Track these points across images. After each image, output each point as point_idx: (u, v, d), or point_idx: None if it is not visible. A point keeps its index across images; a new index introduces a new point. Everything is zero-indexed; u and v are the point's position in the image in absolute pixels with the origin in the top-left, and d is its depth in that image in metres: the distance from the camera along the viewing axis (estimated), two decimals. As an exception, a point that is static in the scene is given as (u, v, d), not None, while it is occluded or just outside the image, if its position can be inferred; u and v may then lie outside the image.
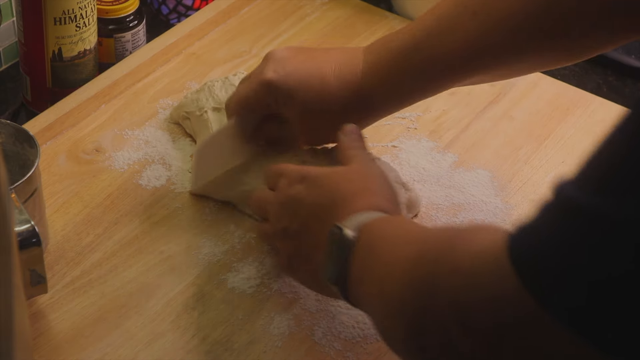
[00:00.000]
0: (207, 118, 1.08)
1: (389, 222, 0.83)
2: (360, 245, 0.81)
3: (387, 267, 0.76)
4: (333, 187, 0.88)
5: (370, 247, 0.80)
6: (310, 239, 0.88)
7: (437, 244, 0.72)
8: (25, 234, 0.85)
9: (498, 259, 0.62)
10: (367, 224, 0.82)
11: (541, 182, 1.09)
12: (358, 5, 1.33)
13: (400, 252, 0.75)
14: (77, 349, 0.91)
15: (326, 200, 0.87)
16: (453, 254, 0.68)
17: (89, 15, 1.13)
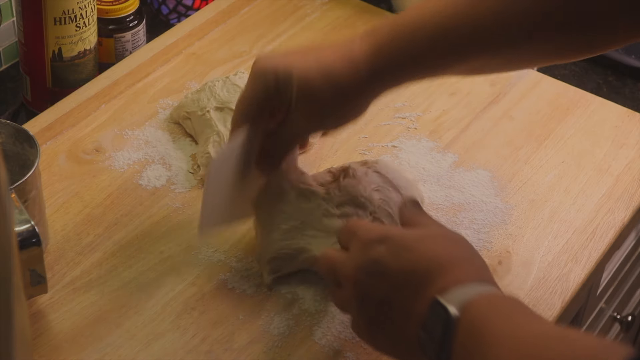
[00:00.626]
0: (209, 117, 1.08)
1: (495, 302, 0.76)
2: (466, 326, 0.74)
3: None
4: (425, 252, 0.80)
5: (479, 331, 0.73)
6: (398, 309, 0.79)
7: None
8: (25, 234, 0.85)
9: None
10: (472, 301, 0.75)
11: (541, 182, 1.09)
12: (358, 5, 1.33)
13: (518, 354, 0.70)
14: (77, 349, 0.91)
15: (418, 267, 0.79)
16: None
17: (89, 15, 1.13)
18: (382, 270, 0.80)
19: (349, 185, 0.97)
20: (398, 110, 1.17)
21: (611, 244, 1.04)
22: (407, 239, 0.82)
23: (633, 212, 1.07)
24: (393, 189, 0.98)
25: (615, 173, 1.11)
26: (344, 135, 1.14)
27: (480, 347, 0.72)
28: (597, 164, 1.12)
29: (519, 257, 1.01)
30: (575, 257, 1.02)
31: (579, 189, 1.09)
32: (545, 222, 1.05)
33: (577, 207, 1.07)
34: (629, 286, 1.48)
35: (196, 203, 1.05)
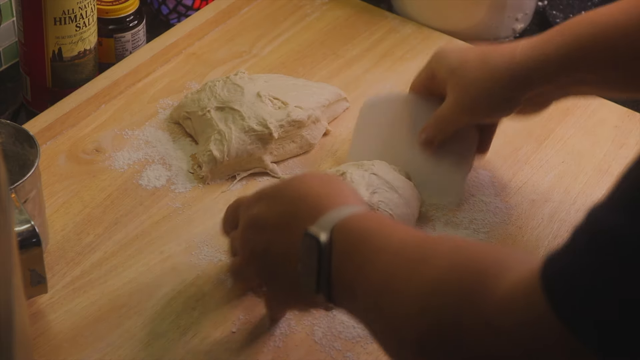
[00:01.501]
0: (210, 117, 1.08)
1: (367, 218, 0.80)
2: (339, 247, 0.78)
3: (385, 278, 0.74)
4: (294, 193, 0.85)
5: (353, 248, 0.78)
6: (280, 254, 0.84)
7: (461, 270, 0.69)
8: (25, 234, 0.85)
9: (529, 287, 0.62)
10: (341, 222, 0.79)
11: (541, 182, 1.09)
12: (358, 5, 1.33)
13: (400, 263, 0.74)
14: (77, 349, 0.91)
15: (290, 208, 0.84)
16: (484, 286, 0.66)
17: (89, 15, 1.13)
18: (262, 223, 0.85)
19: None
20: (398, 110, 1.17)
21: (611, 244, 1.04)
22: (278, 187, 0.87)
23: (633, 212, 1.07)
24: (391, 189, 0.99)
25: (615, 173, 1.11)
26: (344, 135, 1.14)
27: (359, 263, 0.76)
28: (597, 164, 1.12)
29: (519, 257, 1.01)
30: (575, 257, 1.02)
31: (579, 189, 1.09)
32: (545, 222, 1.05)
33: (577, 207, 1.07)
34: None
35: (196, 203, 1.05)
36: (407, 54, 1.26)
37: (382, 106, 1.09)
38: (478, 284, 0.67)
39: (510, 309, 0.64)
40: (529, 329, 0.62)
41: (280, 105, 1.09)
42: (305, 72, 1.22)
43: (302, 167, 1.09)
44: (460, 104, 1.00)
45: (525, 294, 0.63)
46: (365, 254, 0.77)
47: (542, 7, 1.37)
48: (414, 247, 0.75)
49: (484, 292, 0.66)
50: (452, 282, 0.69)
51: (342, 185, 0.87)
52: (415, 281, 0.71)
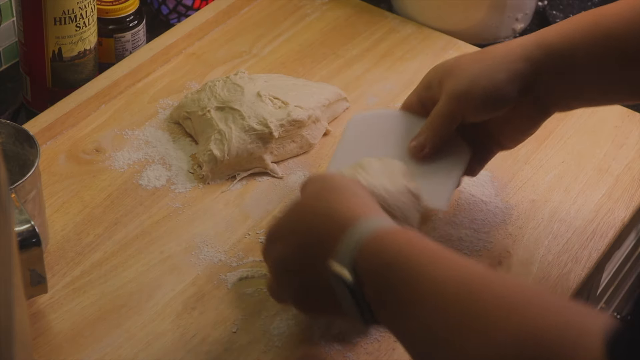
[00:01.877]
0: (210, 117, 1.08)
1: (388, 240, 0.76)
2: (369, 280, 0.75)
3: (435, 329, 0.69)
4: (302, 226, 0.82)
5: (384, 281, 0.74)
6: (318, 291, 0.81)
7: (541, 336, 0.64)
8: (25, 234, 0.85)
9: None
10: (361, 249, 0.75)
11: (541, 182, 1.09)
12: (358, 5, 1.33)
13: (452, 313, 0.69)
14: (77, 349, 0.91)
15: (306, 243, 0.81)
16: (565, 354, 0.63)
17: (89, 15, 1.13)
18: (286, 267, 0.83)
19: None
20: (398, 110, 1.17)
21: (611, 244, 1.04)
22: (284, 222, 0.84)
23: (633, 212, 1.07)
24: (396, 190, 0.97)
25: (615, 173, 1.11)
26: (344, 135, 1.14)
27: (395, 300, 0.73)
28: (597, 164, 1.12)
29: (519, 257, 1.01)
30: (575, 257, 1.02)
31: (579, 189, 1.09)
32: (545, 222, 1.05)
33: (577, 207, 1.07)
34: (629, 286, 1.48)
35: (196, 203, 1.05)
36: (407, 54, 1.26)
37: (369, 121, 1.04)
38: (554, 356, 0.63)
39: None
40: None
41: (281, 105, 1.09)
42: (305, 72, 1.22)
43: (302, 167, 1.09)
44: (455, 100, 0.95)
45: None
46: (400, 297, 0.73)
47: (542, 7, 1.37)
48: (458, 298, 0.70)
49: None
50: (526, 348, 0.64)
51: (345, 191, 0.82)
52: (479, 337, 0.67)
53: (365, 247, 0.76)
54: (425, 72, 1.21)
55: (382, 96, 1.19)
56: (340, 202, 0.80)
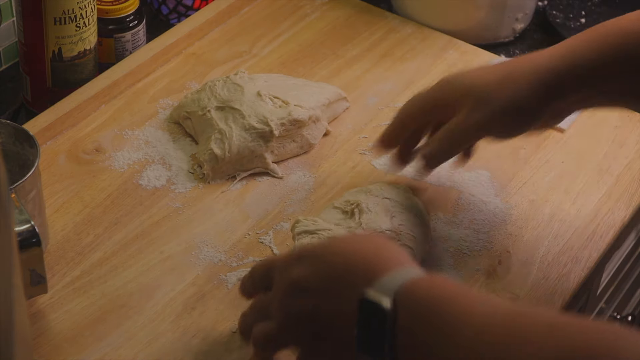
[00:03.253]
0: (210, 117, 1.08)
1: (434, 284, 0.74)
2: (406, 316, 0.72)
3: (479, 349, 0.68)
4: (340, 256, 0.79)
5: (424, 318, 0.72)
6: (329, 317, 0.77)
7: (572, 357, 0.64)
8: (25, 234, 0.85)
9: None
10: (404, 287, 0.73)
11: (541, 182, 1.09)
12: (358, 5, 1.33)
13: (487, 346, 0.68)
14: (77, 349, 0.91)
15: (337, 270, 0.78)
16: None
17: (89, 15, 1.13)
18: (305, 286, 0.78)
19: (370, 222, 0.96)
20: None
21: (611, 244, 1.04)
22: (319, 248, 0.82)
23: (633, 212, 1.07)
24: (405, 210, 0.98)
25: (615, 173, 1.11)
26: (344, 135, 1.14)
27: (433, 338, 0.71)
28: (597, 164, 1.12)
29: (519, 257, 1.01)
30: (575, 257, 1.02)
31: (579, 189, 1.09)
32: (545, 222, 1.05)
33: (577, 207, 1.07)
34: (629, 286, 1.48)
35: (196, 203, 1.05)
36: (407, 54, 1.26)
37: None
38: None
39: None
40: None
41: (281, 104, 1.09)
42: (305, 72, 1.22)
43: (302, 167, 1.09)
44: (477, 118, 0.93)
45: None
46: (442, 327, 0.71)
47: (542, 7, 1.37)
48: (501, 327, 0.69)
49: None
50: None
51: (389, 245, 0.80)
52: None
53: (409, 283, 0.74)
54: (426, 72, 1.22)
55: (382, 96, 1.19)
56: (387, 249, 0.79)
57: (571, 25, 1.34)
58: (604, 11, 1.36)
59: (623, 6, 1.37)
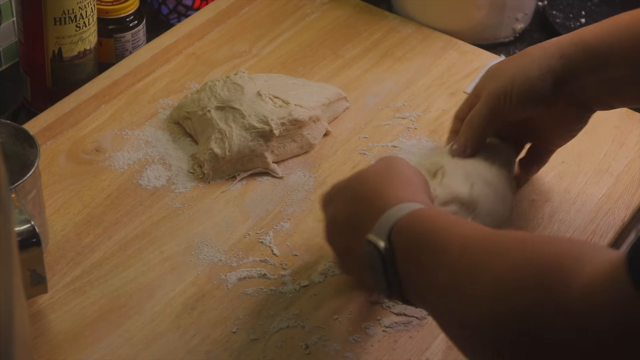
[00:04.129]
0: (210, 117, 1.08)
1: (425, 217, 0.81)
2: (401, 252, 0.80)
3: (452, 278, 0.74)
4: (356, 193, 0.88)
5: (415, 251, 0.79)
6: (355, 252, 0.86)
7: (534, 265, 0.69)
8: (25, 234, 0.85)
9: (613, 274, 0.63)
10: (398, 225, 0.80)
11: (541, 182, 1.09)
12: (358, 5, 1.33)
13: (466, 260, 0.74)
14: (77, 349, 0.91)
15: (355, 207, 0.87)
16: (561, 279, 0.66)
17: (89, 15, 1.13)
18: (338, 223, 0.90)
19: (449, 185, 0.96)
20: (398, 110, 1.17)
21: (611, 244, 1.04)
22: (345, 184, 0.90)
23: (633, 212, 1.07)
24: (487, 184, 0.98)
25: (615, 173, 1.11)
26: (344, 135, 1.14)
27: (424, 266, 0.77)
28: (597, 164, 1.12)
29: (519, 257, 1.01)
30: (575, 257, 1.02)
31: (579, 189, 1.09)
32: (545, 222, 1.05)
33: (577, 207, 1.07)
34: (629, 286, 1.48)
35: (196, 203, 1.05)
36: (407, 54, 1.26)
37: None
38: (555, 278, 0.67)
39: (594, 295, 0.64)
40: (614, 312, 0.63)
41: (282, 104, 1.09)
42: (305, 72, 1.22)
43: (302, 167, 1.09)
44: (492, 99, 0.98)
45: (610, 279, 0.63)
46: (429, 256, 0.77)
47: (542, 7, 1.37)
48: (479, 244, 0.75)
49: (562, 284, 0.66)
50: (527, 277, 0.69)
51: (402, 176, 0.87)
52: (485, 278, 0.71)
53: (402, 222, 0.80)
54: (426, 72, 1.22)
55: (382, 96, 1.19)
56: (391, 186, 0.86)
57: (571, 25, 1.34)
58: (604, 11, 1.36)
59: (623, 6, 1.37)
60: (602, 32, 0.95)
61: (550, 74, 0.95)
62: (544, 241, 0.74)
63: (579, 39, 0.95)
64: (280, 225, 1.03)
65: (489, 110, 0.98)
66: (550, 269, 0.68)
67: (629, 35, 0.93)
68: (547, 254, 0.70)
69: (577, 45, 0.95)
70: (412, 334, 0.94)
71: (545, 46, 0.97)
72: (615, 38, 0.94)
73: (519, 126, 1.02)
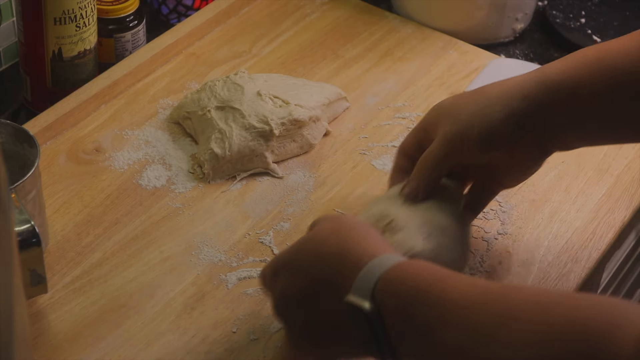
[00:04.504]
0: (210, 117, 1.08)
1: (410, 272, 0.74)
2: (390, 312, 0.73)
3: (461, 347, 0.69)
4: (316, 260, 0.79)
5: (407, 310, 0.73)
6: (325, 324, 0.79)
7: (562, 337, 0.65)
8: (25, 234, 0.85)
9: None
10: (382, 282, 0.74)
11: (541, 182, 1.09)
12: (358, 5, 1.33)
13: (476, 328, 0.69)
14: (77, 349, 0.91)
15: (316, 276, 0.79)
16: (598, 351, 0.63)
17: (89, 15, 1.13)
18: (292, 298, 0.80)
19: (403, 242, 0.89)
20: (398, 110, 1.17)
21: (611, 244, 1.04)
22: (293, 256, 0.82)
23: (633, 212, 1.07)
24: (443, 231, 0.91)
25: (615, 173, 1.11)
26: (344, 135, 1.14)
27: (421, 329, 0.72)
28: (597, 164, 1.12)
29: (519, 257, 1.01)
30: (575, 257, 1.02)
31: (579, 189, 1.09)
32: (545, 222, 1.05)
33: (577, 207, 1.07)
34: (629, 286, 1.48)
35: (196, 203, 1.05)
36: (407, 54, 1.26)
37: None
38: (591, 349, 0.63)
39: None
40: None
41: (282, 104, 1.09)
42: (305, 72, 1.22)
43: (302, 167, 1.09)
44: (448, 142, 0.90)
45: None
46: (428, 314, 0.72)
47: (542, 7, 1.37)
48: (485, 306, 0.70)
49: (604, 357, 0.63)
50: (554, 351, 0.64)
51: (360, 231, 0.80)
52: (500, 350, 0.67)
53: (385, 278, 0.74)
54: (425, 72, 1.22)
55: (382, 96, 1.19)
56: (354, 241, 0.79)
57: (571, 25, 1.34)
58: (604, 11, 1.36)
59: (623, 6, 1.37)
60: (568, 68, 0.89)
61: (512, 116, 0.89)
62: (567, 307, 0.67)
63: (543, 78, 0.90)
64: (280, 225, 1.03)
65: (445, 153, 0.91)
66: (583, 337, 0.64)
67: (599, 70, 0.88)
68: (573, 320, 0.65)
69: (541, 85, 0.89)
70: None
71: (506, 85, 0.91)
72: (584, 72, 0.88)
73: (470, 165, 0.95)
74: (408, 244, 0.88)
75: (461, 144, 0.90)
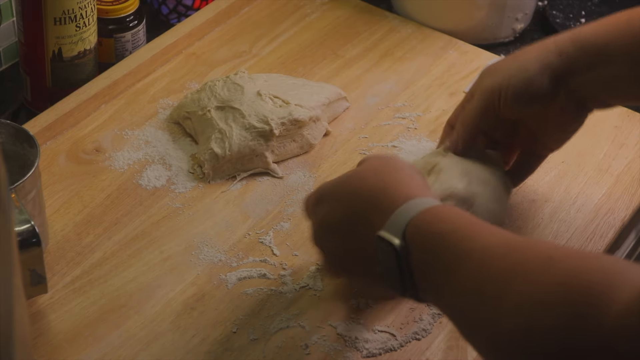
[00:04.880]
0: (210, 117, 1.08)
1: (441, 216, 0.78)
2: (417, 250, 0.77)
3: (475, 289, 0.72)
4: (354, 191, 0.84)
5: (433, 251, 0.76)
6: (357, 255, 0.84)
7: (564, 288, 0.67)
8: (25, 234, 0.85)
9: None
10: (414, 222, 0.78)
11: (541, 182, 1.09)
12: (358, 5, 1.33)
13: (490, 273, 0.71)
14: (77, 349, 0.91)
15: (353, 207, 0.84)
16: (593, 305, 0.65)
17: (89, 15, 1.13)
18: (330, 226, 0.86)
19: (444, 181, 0.95)
20: (398, 110, 1.17)
21: (611, 244, 1.04)
22: (336, 185, 0.87)
23: (633, 212, 1.07)
24: (483, 182, 0.96)
25: (615, 173, 1.11)
26: (344, 135, 1.14)
27: (442, 269, 0.75)
28: (597, 164, 1.12)
29: (519, 257, 1.01)
30: (575, 257, 1.02)
31: (579, 189, 1.09)
32: (545, 222, 1.05)
33: (577, 207, 1.07)
34: (629, 286, 1.48)
35: (196, 203, 1.05)
36: (407, 54, 1.26)
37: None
38: (586, 304, 0.65)
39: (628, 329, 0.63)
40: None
41: (282, 104, 1.09)
42: (305, 72, 1.22)
43: (302, 167, 1.09)
44: (487, 95, 0.96)
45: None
46: (449, 257, 0.75)
47: (542, 7, 1.37)
48: (503, 255, 0.73)
49: (595, 313, 0.64)
50: (556, 301, 0.67)
51: (403, 173, 0.84)
52: (511, 298, 0.69)
53: (416, 219, 0.78)
54: (426, 72, 1.22)
55: (382, 96, 1.19)
56: (395, 182, 0.83)
57: (571, 25, 1.34)
58: (604, 11, 1.36)
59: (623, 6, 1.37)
60: (600, 30, 0.94)
61: (548, 70, 0.94)
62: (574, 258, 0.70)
63: (577, 37, 0.94)
64: (280, 225, 1.03)
65: (483, 106, 0.96)
66: (580, 293, 0.66)
67: (627, 33, 0.92)
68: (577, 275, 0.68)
69: (575, 43, 0.94)
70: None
71: (543, 43, 0.96)
72: (613, 36, 0.93)
73: (512, 129, 0.99)
74: (448, 183, 0.94)
75: (498, 97, 0.95)
